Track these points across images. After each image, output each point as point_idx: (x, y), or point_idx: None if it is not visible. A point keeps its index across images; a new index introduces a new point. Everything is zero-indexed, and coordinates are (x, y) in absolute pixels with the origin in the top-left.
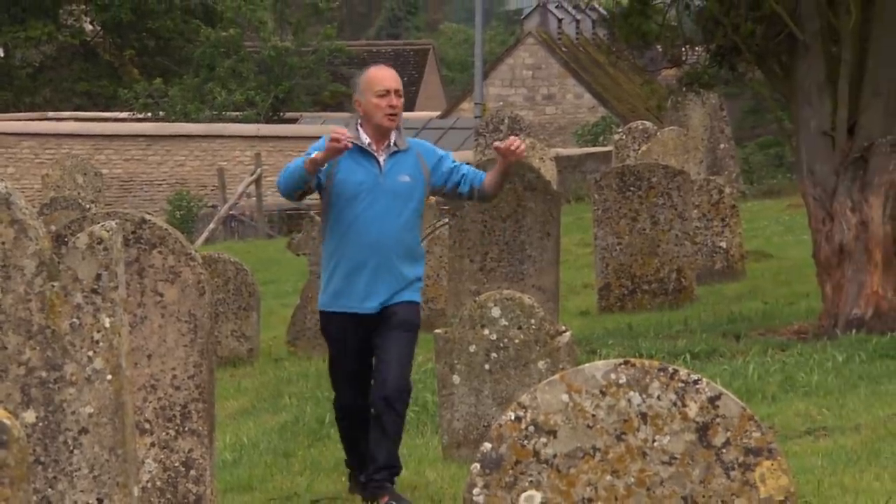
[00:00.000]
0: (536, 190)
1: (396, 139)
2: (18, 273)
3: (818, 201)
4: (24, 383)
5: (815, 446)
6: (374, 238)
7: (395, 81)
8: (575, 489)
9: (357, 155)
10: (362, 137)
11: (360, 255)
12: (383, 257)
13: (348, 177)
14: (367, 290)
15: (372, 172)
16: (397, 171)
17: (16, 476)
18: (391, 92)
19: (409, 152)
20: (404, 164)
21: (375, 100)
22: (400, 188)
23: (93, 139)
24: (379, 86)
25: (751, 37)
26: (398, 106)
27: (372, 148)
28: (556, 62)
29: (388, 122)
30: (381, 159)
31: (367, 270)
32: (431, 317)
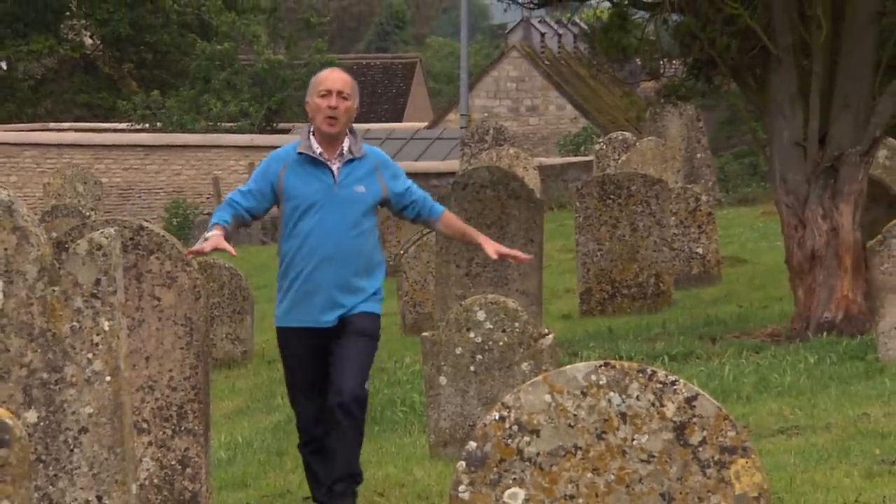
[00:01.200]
0: (520, 198)
1: (351, 146)
2: (20, 278)
3: (791, 209)
4: (26, 384)
5: (787, 444)
6: (331, 251)
7: (340, 83)
8: (557, 486)
9: (308, 165)
10: (314, 146)
11: (317, 269)
12: (340, 270)
13: (300, 189)
14: (325, 304)
15: (325, 182)
16: (352, 180)
17: (18, 474)
18: (333, 93)
19: (364, 160)
20: (359, 172)
21: (317, 99)
22: (355, 197)
23: (93, 149)
24: (321, 86)
25: (726, 51)
26: (339, 108)
27: (323, 157)
28: (539, 75)
29: (326, 125)
30: (335, 168)
31: (325, 284)
32: (419, 320)
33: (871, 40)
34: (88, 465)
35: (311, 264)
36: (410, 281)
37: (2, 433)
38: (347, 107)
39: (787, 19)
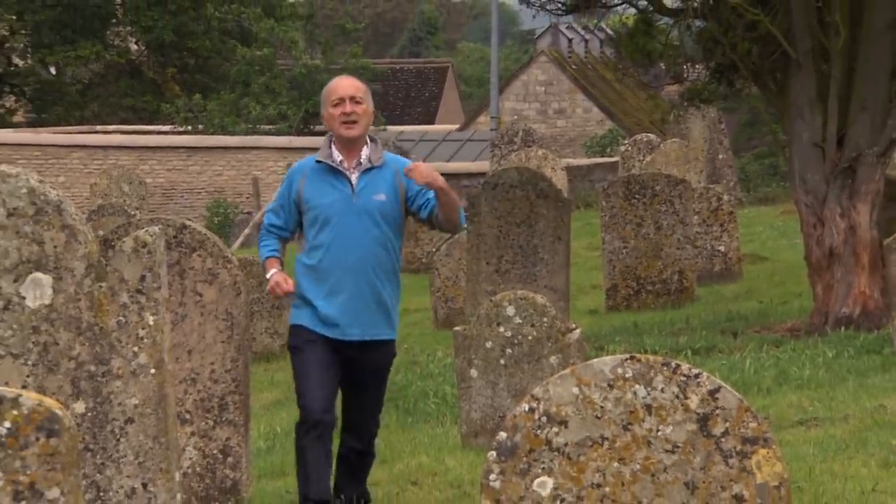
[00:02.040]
0: (548, 197)
1: (370, 154)
2: (69, 274)
3: (810, 208)
4: (74, 376)
5: (806, 435)
6: (353, 262)
7: (351, 89)
8: (584, 475)
9: (328, 174)
10: (334, 155)
11: (339, 280)
12: (365, 281)
13: (319, 199)
14: (348, 318)
15: (344, 192)
16: (371, 189)
17: (67, 462)
18: (345, 100)
19: (384, 168)
20: (379, 181)
21: (331, 110)
22: (374, 206)
23: (137, 151)
24: (333, 95)
25: (747, 55)
26: (355, 112)
27: (343, 166)
28: (566, 78)
29: (345, 129)
30: (354, 178)
31: (347, 297)
32: (451, 315)
33: (887, 46)
34: (134, 454)
35: (334, 275)
36: (442, 277)
37: (51, 423)
38: (363, 109)
39: (807, 25)
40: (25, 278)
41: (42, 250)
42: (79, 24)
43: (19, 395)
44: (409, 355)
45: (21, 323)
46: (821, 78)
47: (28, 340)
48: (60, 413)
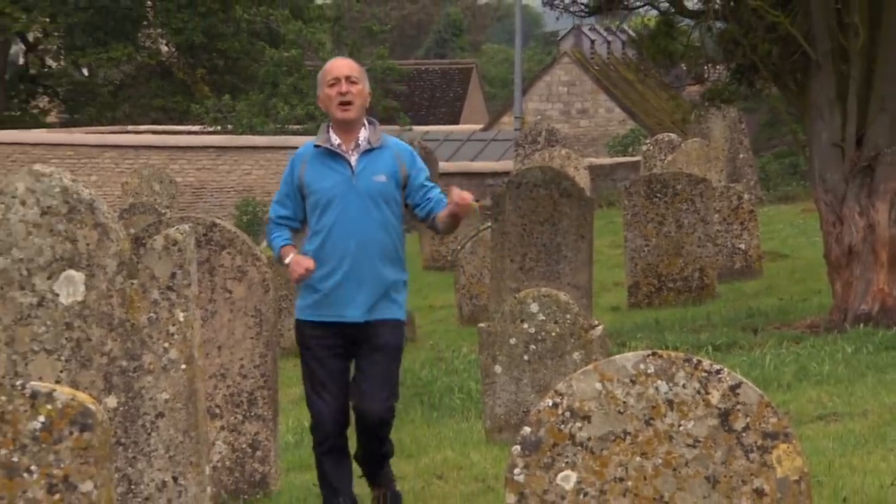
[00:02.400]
0: (571, 196)
1: (369, 136)
2: (101, 271)
3: (829, 206)
4: (107, 371)
5: (826, 430)
6: (354, 244)
7: (346, 68)
8: (607, 469)
9: (327, 158)
10: (332, 139)
11: (340, 263)
12: (364, 263)
13: (319, 183)
14: (350, 298)
15: (344, 175)
16: (371, 170)
17: (100, 456)
18: (341, 79)
19: (384, 150)
20: (378, 162)
21: (327, 90)
22: (375, 188)
23: (168, 150)
24: (329, 76)
25: (768, 56)
26: (350, 91)
27: (341, 149)
28: (589, 79)
29: (341, 112)
30: (353, 160)
31: (349, 278)
32: (475, 312)
33: None
34: (165, 448)
35: (335, 258)
36: (467, 275)
37: (85, 418)
38: (359, 90)
39: (826, 26)
40: (59, 276)
41: (75, 248)
42: (111, 27)
43: (53, 390)
44: (435, 351)
45: (55, 319)
46: (840, 78)
47: (61, 336)
48: (93, 408)
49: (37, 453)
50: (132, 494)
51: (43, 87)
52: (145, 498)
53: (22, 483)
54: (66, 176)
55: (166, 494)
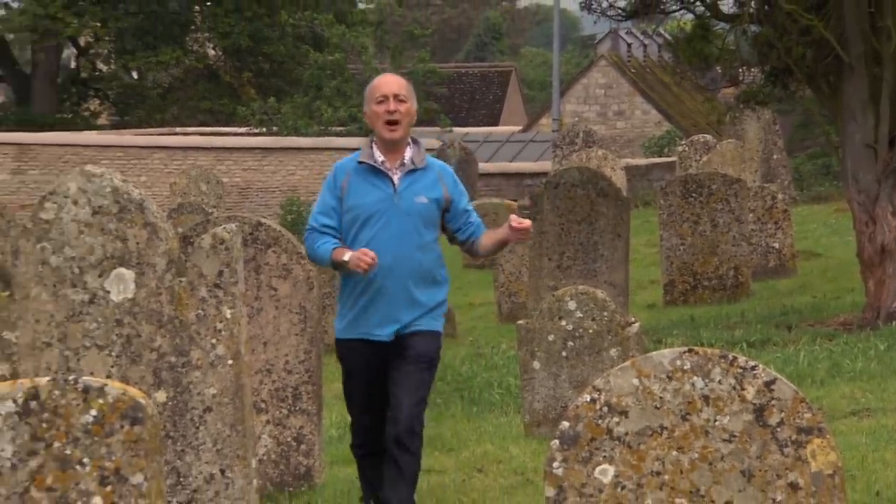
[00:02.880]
0: (608, 196)
1: (413, 156)
2: (151, 269)
3: (862, 206)
4: (156, 367)
5: (859, 425)
6: (389, 262)
7: (396, 86)
8: (644, 463)
9: (370, 174)
10: (376, 156)
11: (377, 283)
12: (399, 283)
13: (361, 199)
14: (382, 317)
15: (386, 192)
16: (413, 190)
17: (150, 449)
18: (389, 97)
19: (427, 171)
20: (421, 183)
21: (374, 107)
22: (416, 209)
23: (215, 151)
24: (377, 93)
25: (801, 59)
26: (398, 111)
27: (385, 166)
28: (625, 82)
29: (387, 132)
30: (396, 178)
31: (383, 296)
32: (514, 309)
33: None
34: (212, 442)
35: (370, 277)
36: (506, 273)
37: (135, 412)
38: (407, 108)
39: (859, 30)
40: (109, 273)
41: (125, 247)
42: (160, 31)
43: (105, 385)
44: (474, 347)
45: (105, 316)
46: (873, 81)
47: (112, 333)
48: (143, 402)
49: (89, 446)
50: (181, 486)
51: (94, 90)
52: (193, 490)
53: (74, 475)
54: (116, 176)
55: (214, 487)
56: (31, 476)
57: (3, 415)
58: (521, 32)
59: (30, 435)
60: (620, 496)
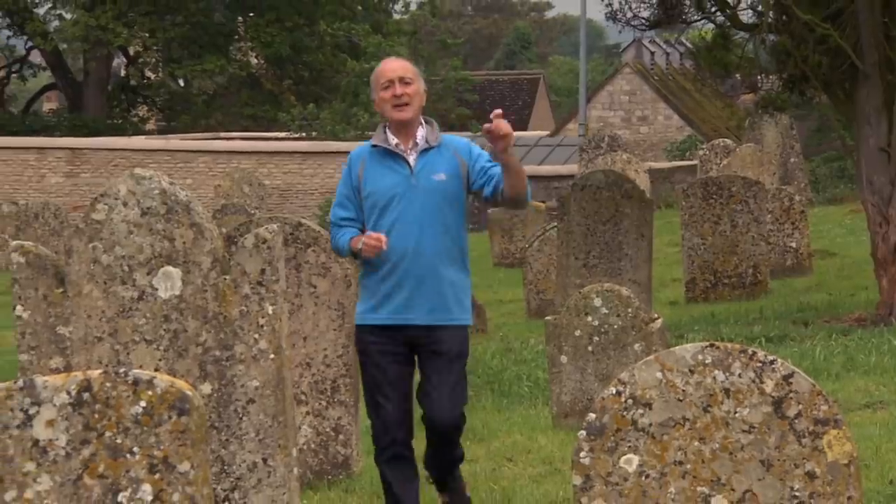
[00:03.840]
0: (632, 198)
1: (427, 135)
2: (196, 268)
3: (876, 207)
4: (202, 360)
5: (873, 417)
6: (414, 244)
7: (400, 70)
8: (667, 453)
9: (385, 158)
10: (389, 139)
11: (400, 264)
12: (424, 264)
13: (378, 184)
14: (411, 301)
15: (402, 174)
16: (430, 169)
17: (196, 439)
18: (395, 81)
19: (442, 148)
20: (438, 161)
21: (381, 94)
22: (435, 187)
23: (257, 155)
24: (382, 78)
25: (818, 67)
26: (406, 93)
27: (399, 148)
28: (649, 89)
29: (397, 113)
30: (411, 159)
31: (410, 281)
32: (542, 306)
33: None
34: (255, 432)
35: (395, 259)
36: (534, 271)
37: (182, 403)
38: (414, 90)
39: (874, 39)
40: (157, 271)
41: (172, 246)
42: (205, 41)
43: (153, 378)
44: (504, 342)
45: (154, 312)
46: (887, 87)
47: (160, 328)
48: (190, 394)
49: (139, 436)
50: (225, 474)
51: (142, 97)
52: (237, 478)
53: (125, 463)
54: (164, 179)
55: (256, 474)
56: (84, 464)
57: (58, 406)
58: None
59: (83, 425)
60: (644, 484)
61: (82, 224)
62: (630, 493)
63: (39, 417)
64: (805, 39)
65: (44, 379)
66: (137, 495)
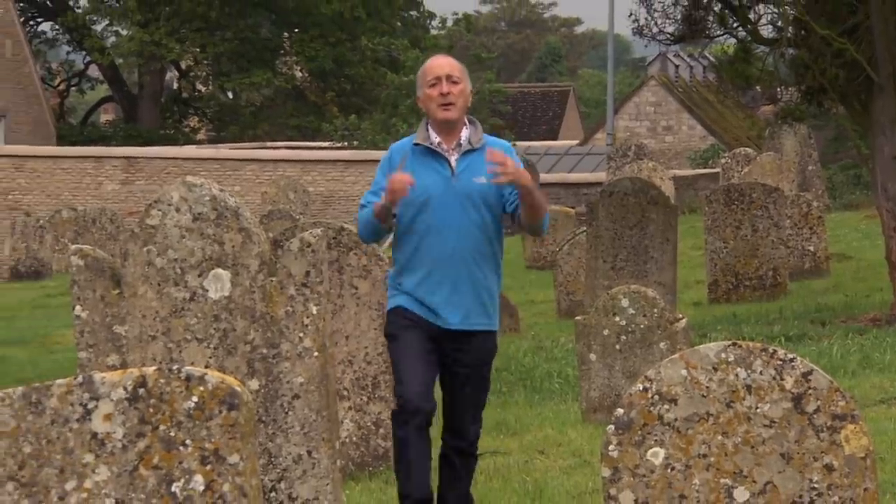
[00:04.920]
0: (658, 204)
1: (470, 136)
2: (245, 270)
3: (890, 213)
4: (250, 358)
5: (888, 413)
6: (451, 248)
7: (447, 67)
8: (692, 447)
9: (426, 157)
10: (431, 137)
11: (438, 269)
12: (460, 266)
13: (417, 180)
14: (446, 305)
15: (443, 174)
16: (471, 171)
17: (245, 432)
18: (442, 79)
19: (484, 151)
20: (479, 163)
21: (428, 90)
22: (475, 190)
23: (301, 163)
24: (430, 75)
25: (835, 79)
26: (452, 92)
27: (442, 147)
28: (673, 100)
29: (442, 112)
30: (453, 160)
31: (447, 285)
32: (572, 306)
33: None
34: (300, 425)
35: (431, 264)
36: (564, 273)
37: (232, 398)
38: (461, 89)
39: (888, 53)
40: (208, 273)
41: (222, 249)
42: (252, 55)
43: (205, 374)
44: (536, 341)
45: (204, 312)
46: None
47: (210, 327)
48: (239, 389)
49: (191, 429)
50: (272, 466)
51: (193, 109)
52: (283, 469)
53: (178, 455)
54: (214, 186)
55: (301, 466)
56: (140, 456)
57: (115, 401)
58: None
59: (138, 419)
60: (670, 476)
61: (137, 229)
62: (656, 484)
63: (98, 412)
64: (823, 53)
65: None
66: (190, 485)
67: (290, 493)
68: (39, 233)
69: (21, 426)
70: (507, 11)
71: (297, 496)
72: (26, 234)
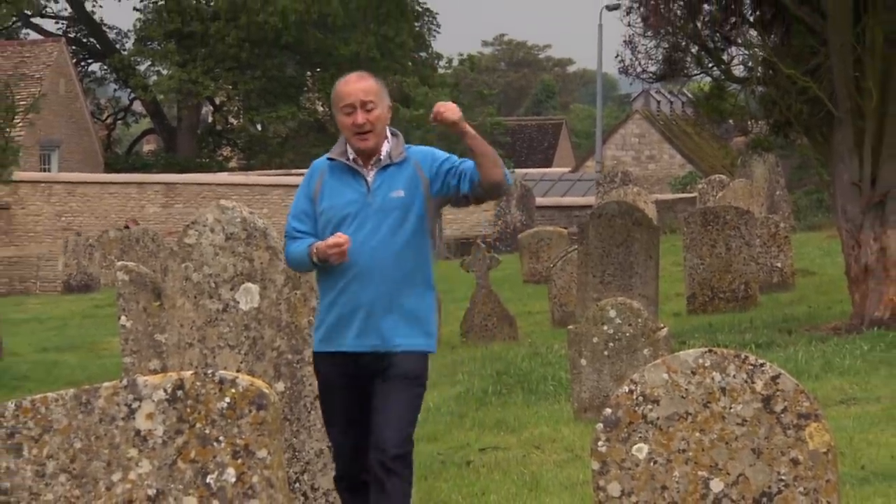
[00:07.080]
0: (641, 225)
1: (391, 150)
2: (272, 285)
3: (849, 233)
4: (276, 363)
5: (847, 412)
6: (366, 266)
7: (362, 93)
8: (673, 442)
9: (343, 173)
10: (349, 153)
11: (350, 287)
12: (379, 287)
13: (334, 200)
14: (363, 327)
15: (359, 191)
16: (388, 186)
17: (272, 429)
18: (357, 108)
19: (405, 164)
20: (397, 178)
21: (342, 118)
22: (392, 205)
23: None
24: (342, 102)
25: (799, 114)
26: (368, 120)
27: (358, 164)
28: (655, 132)
29: (359, 142)
30: (370, 176)
31: (363, 305)
32: (564, 317)
33: None
34: (321, 423)
35: (344, 282)
36: (558, 287)
37: (261, 399)
38: (377, 115)
39: (846, 90)
40: (239, 287)
41: (252, 266)
42: (279, 92)
43: (236, 377)
44: (532, 348)
45: (236, 322)
46: (857, 131)
47: (241, 335)
48: (267, 391)
49: (224, 427)
50: (296, 459)
51: (226, 140)
52: (306, 462)
53: (213, 450)
54: (244, 209)
55: (322, 460)
56: (178, 451)
57: (156, 401)
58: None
59: (177, 417)
60: (653, 469)
61: (176, 247)
62: (641, 476)
63: (140, 411)
64: (788, 91)
65: (144, 378)
66: (223, 477)
67: (312, 484)
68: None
69: (72, 424)
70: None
71: (318, 487)
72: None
